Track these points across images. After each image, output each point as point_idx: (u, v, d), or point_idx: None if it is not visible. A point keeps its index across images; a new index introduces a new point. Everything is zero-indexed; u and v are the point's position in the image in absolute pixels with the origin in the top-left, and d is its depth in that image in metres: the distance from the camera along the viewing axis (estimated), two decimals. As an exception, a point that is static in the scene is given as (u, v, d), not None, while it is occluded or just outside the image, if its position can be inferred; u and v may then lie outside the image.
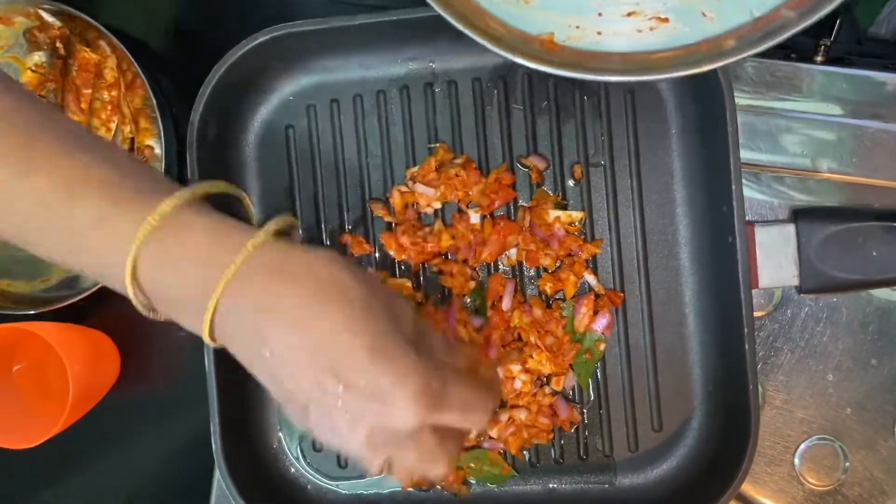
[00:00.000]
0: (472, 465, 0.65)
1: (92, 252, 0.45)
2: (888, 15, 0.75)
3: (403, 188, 0.65)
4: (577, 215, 0.64)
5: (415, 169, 0.65)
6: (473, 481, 0.65)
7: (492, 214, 0.64)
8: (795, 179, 0.65)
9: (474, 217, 0.63)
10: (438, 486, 0.65)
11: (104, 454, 0.74)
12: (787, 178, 0.65)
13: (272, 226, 0.45)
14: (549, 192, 0.64)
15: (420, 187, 0.64)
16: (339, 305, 0.42)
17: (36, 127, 0.44)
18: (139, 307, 0.46)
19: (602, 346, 0.64)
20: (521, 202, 0.65)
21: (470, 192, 0.63)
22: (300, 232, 0.52)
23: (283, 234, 0.46)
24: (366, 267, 0.66)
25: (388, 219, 0.65)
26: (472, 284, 0.64)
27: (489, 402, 0.47)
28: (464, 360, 0.48)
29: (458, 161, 0.64)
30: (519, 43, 0.48)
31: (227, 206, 0.50)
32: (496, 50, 0.47)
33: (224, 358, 0.61)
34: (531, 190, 0.65)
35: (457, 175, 0.63)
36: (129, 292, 0.44)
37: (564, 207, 0.64)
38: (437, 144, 0.65)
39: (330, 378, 0.41)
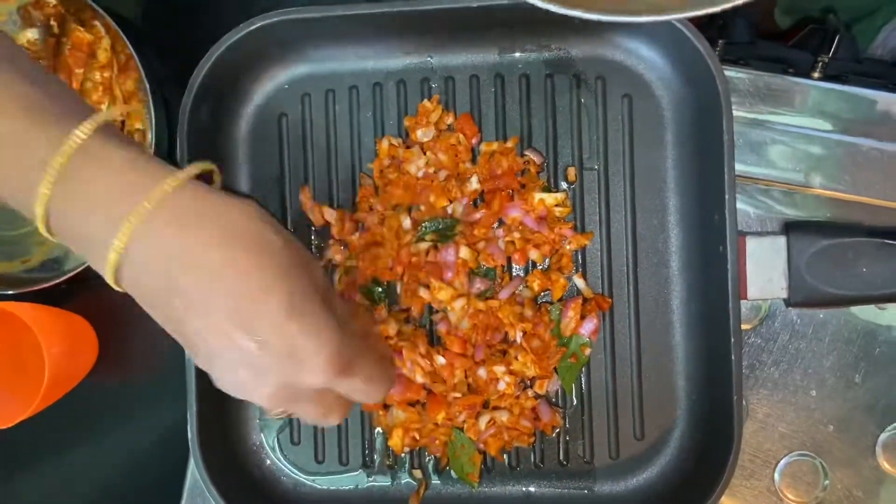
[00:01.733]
0: (454, 455, 0.64)
1: (4, 171, 0.42)
2: (887, 36, 0.76)
3: (395, 140, 0.65)
4: (560, 197, 0.63)
5: (412, 119, 0.65)
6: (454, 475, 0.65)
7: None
8: (786, 193, 0.65)
9: (475, 183, 0.63)
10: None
11: (77, 441, 0.73)
12: (778, 192, 0.65)
13: (192, 169, 0.43)
14: (539, 179, 0.64)
15: (419, 132, 0.64)
16: (257, 260, 0.41)
17: None
18: (45, 235, 0.44)
19: (587, 351, 0.64)
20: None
21: (467, 165, 0.63)
22: (220, 184, 0.50)
23: (204, 180, 0.44)
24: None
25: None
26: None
27: (389, 378, 0.48)
28: (363, 325, 0.49)
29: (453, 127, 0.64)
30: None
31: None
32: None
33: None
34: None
35: (458, 143, 0.63)
36: (39, 223, 0.42)
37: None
38: (431, 98, 0.65)
39: (243, 334, 0.40)
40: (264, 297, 0.40)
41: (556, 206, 0.63)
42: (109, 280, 0.42)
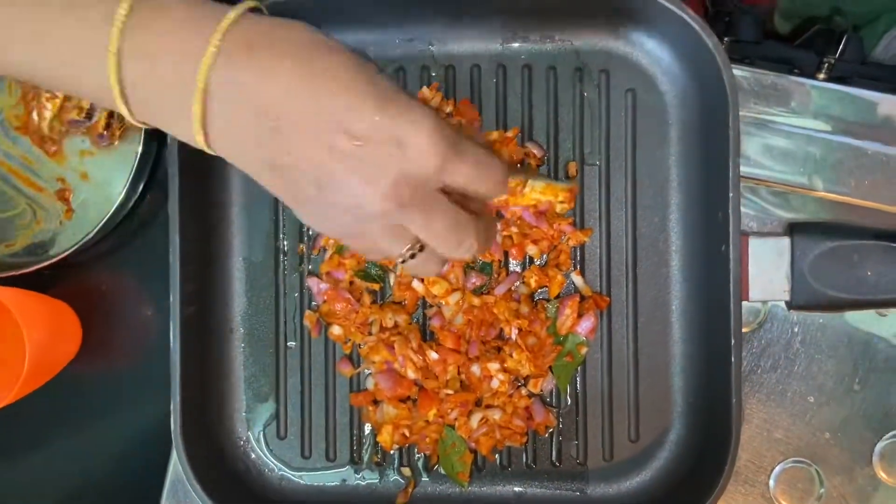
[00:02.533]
0: (444, 453, 0.63)
1: (66, 44, 0.41)
2: (888, 44, 0.75)
3: None
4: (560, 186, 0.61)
5: None
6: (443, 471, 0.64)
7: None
8: (788, 195, 0.64)
9: None
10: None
11: (57, 432, 0.72)
12: (781, 194, 0.64)
13: (247, 3, 0.43)
14: (539, 171, 0.63)
15: None
16: (332, 64, 0.40)
17: None
18: (128, 117, 0.43)
19: (584, 350, 0.62)
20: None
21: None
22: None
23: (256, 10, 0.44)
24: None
25: None
26: None
27: (499, 163, 0.45)
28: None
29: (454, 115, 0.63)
30: None
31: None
32: None
33: (191, 337, 0.60)
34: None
35: (460, 124, 0.62)
36: (117, 99, 0.41)
37: None
38: (431, 86, 0.63)
39: (342, 137, 0.40)
40: (350, 95, 0.40)
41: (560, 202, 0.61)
42: (199, 138, 0.42)
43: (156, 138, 0.64)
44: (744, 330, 0.64)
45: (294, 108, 0.40)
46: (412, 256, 0.45)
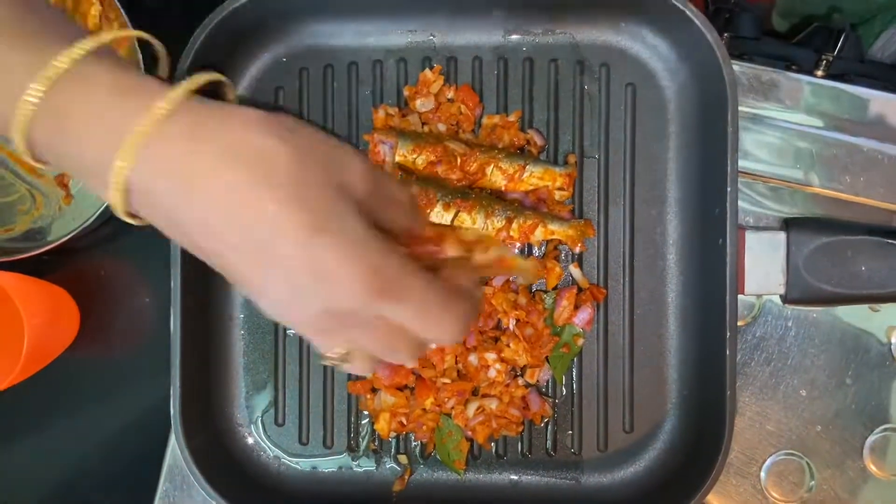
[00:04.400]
0: (441, 442, 0.63)
1: None
2: (885, 43, 0.76)
3: (391, 109, 0.63)
4: (558, 171, 0.62)
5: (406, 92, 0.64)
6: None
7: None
8: (784, 191, 0.65)
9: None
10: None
11: (55, 417, 0.72)
12: (776, 189, 0.65)
13: (192, 82, 0.38)
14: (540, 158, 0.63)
15: (418, 102, 0.63)
16: (265, 177, 0.36)
17: None
18: (26, 158, 0.40)
19: (580, 342, 0.63)
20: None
21: (468, 136, 0.63)
22: (235, 94, 0.48)
23: (213, 95, 0.41)
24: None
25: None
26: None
27: (458, 308, 0.40)
28: (424, 224, 0.44)
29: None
30: None
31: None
32: None
33: (190, 323, 0.61)
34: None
35: (460, 113, 0.62)
36: (21, 149, 0.39)
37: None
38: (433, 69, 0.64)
39: (266, 261, 0.37)
40: (275, 219, 0.36)
41: (558, 187, 0.62)
42: (118, 209, 0.39)
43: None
44: (738, 324, 0.65)
45: (216, 225, 0.37)
46: (344, 358, 0.42)
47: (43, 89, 0.37)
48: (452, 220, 0.61)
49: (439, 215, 0.60)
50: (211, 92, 0.42)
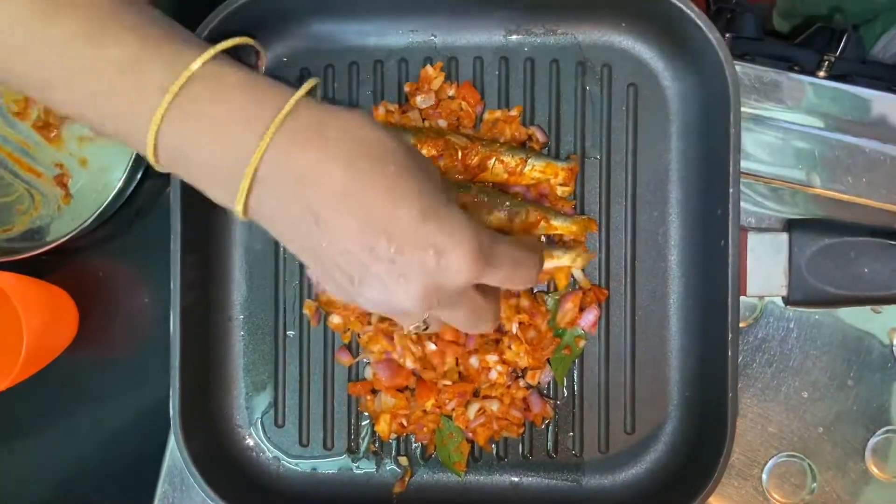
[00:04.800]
0: (441, 443, 0.63)
1: (116, 102, 0.42)
2: (886, 44, 0.76)
3: (391, 106, 0.63)
4: (559, 165, 0.62)
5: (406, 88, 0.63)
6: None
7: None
8: (786, 192, 0.64)
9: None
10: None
11: (54, 418, 0.72)
12: (777, 190, 0.64)
13: (306, 86, 0.42)
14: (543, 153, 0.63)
15: (419, 98, 0.62)
16: (382, 167, 0.41)
17: None
18: (158, 168, 0.43)
19: (581, 343, 0.63)
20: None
21: (470, 132, 0.62)
22: (319, 93, 0.52)
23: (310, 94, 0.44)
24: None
25: None
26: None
27: (535, 259, 0.47)
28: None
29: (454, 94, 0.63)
30: None
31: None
32: None
33: (190, 324, 0.60)
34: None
35: (461, 109, 0.62)
36: (149, 152, 0.42)
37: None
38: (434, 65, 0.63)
39: (383, 242, 0.40)
40: (396, 202, 0.40)
41: (560, 183, 0.62)
42: (238, 212, 0.42)
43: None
44: (740, 325, 0.64)
45: (339, 211, 0.40)
46: (425, 329, 0.48)
47: (177, 91, 0.40)
48: None
49: None
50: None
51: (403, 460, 0.64)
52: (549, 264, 0.61)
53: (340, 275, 0.42)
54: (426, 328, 0.48)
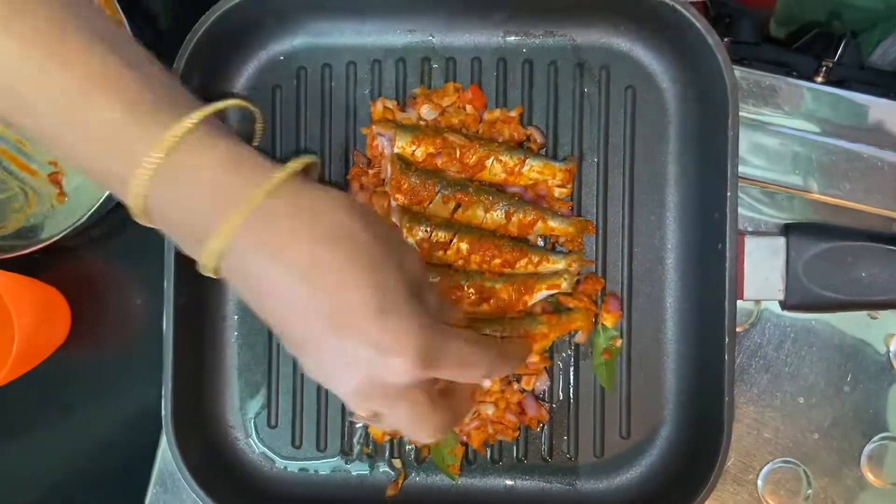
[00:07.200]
0: (435, 446, 0.63)
1: (100, 161, 0.42)
2: (884, 52, 0.76)
3: (389, 102, 0.63)
4: (557, 166, 0.62)
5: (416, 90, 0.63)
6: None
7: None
8: (783, 197, 0.64)
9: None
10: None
11: (44, 418, 0.71)
12: (774, 194, 0.64)
13: (292, 165, 0.43)
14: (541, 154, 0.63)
15: (423, 109, 0.62)
16: (345, 256, 0.41)
17: (65, 10, 0.41)
18: (138, 220, 0.44)
19: (619, 343, 0.63)
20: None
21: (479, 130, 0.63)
22: (317, 176, 0.52)
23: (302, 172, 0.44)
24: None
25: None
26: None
27: (491, 359, 0.47)
28: (455, 315, 0.49)
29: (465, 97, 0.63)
30: None
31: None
32: None
33: (183, 325, 0.60)
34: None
35: (466, 113, 0.62)
36: (133, 211, 0.42)
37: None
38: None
39: (330, 330, 0.41)
40: (350, 294, 0.41)
41: (558, 184, 0.62)
42: (205, 272, 0.43)
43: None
44: (736, 330, 0.64)
45: (292, 291, 0.41)
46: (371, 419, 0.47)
47: (161, 156, 0.40)
48: (452, 213, 0.61)
49: (438, 207, 0.60)
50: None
51: (397, 463, 0.64)
52: (546, 269, 0.61)
53: (290, 347, 0.43)
54: (373, 419, 0.46)
